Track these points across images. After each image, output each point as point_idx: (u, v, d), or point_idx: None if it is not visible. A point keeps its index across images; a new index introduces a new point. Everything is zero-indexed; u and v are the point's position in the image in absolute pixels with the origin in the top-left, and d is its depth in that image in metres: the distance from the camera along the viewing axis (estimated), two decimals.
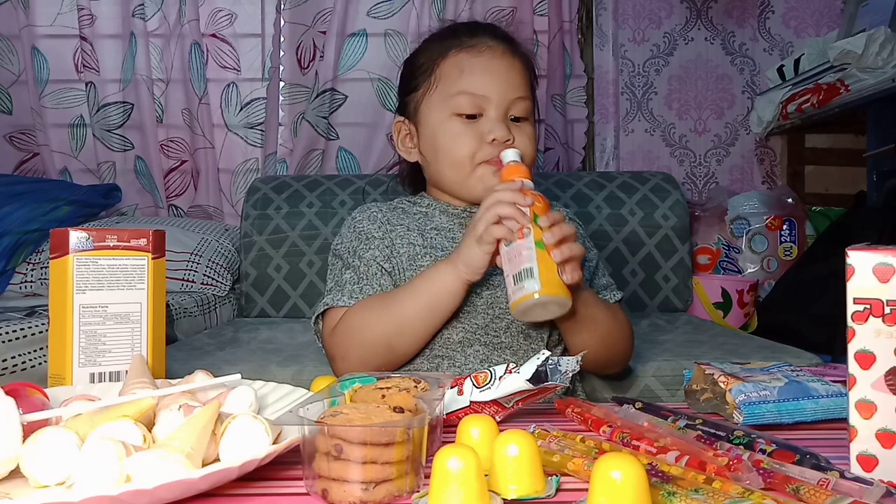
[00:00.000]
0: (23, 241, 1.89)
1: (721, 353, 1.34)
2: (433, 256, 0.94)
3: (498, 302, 0.91)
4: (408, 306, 0.85)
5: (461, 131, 0.91)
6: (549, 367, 0.57)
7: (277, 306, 1.93)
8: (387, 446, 0.43)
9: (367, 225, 0.97)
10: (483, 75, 0.92)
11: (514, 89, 0.93)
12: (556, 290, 0.73)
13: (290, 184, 2.01)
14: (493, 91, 0.91)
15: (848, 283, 0.46)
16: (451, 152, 0.93)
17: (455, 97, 0.92)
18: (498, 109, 0.91)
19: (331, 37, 2.21)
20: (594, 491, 0.38)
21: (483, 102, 0.91)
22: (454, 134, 0.92)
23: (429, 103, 0.96)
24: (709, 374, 0.65)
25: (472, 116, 0.91)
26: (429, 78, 0.96)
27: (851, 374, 0.46)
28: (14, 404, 0.46)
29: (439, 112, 0.94)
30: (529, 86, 0.96)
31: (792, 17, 2.34)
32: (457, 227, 0.97)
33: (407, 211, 1.00)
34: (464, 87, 0.92)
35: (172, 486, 0.40)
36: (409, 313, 0.85)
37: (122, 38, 2.23)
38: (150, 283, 0.71)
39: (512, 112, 0.92)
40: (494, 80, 0.92)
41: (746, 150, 2.35)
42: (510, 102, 0.92)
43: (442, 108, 0.93)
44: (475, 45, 0.95)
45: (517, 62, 0.96)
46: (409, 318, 0.85)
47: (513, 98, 0.92)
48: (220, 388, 0.58)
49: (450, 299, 0.85)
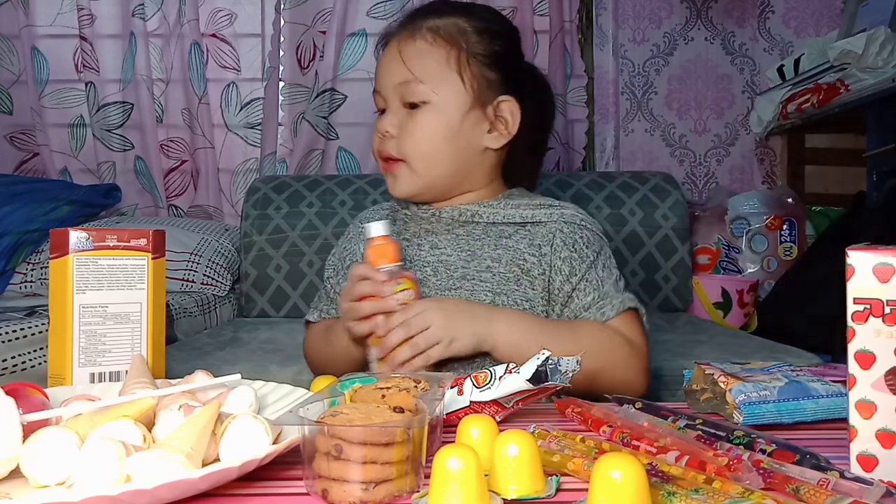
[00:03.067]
0: (23, 241, 1.89)
1: (721, 353, 1.34)
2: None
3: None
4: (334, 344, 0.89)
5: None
6: (549, 367, 0.57)
7: (277, 306, 1.93)
8: (387, 446, 0.43)
9: (354, 242, 1.00)
10: (379, 67, 0.93)
11: (395, 75, 0.89)
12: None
13: (290, 184, 2.01)
14: (379, 81, 0.91)
15: (848, 283, 0.46)
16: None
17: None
18: (387, 101, 0.90)
19: (331, 37, 2.20)
20: (594, 491, 0.38)
21: (380, 96, 0.91)
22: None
23: None
24: (709, 374, 0.65)
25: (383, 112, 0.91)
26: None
27: (851, 374, 0.46)
28: (14, 404, 0.46)
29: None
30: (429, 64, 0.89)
31: (792, 17, 2.34)
32: (422, 233, 0.94)
33: (403, 211, 0.98)
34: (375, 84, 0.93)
35: (172, 486, 0.40)
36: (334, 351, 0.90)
37: (122, 38, 2.23)
38: (150, 283, 0.71)
39: (404, 97, 0.89)
40: (380, 70, 0.92)
41: (746, 150, 2.35)
42: (393, 88, 0.89)
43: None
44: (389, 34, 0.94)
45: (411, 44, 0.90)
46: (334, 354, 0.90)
47: (394, 84, 0.89)
48: (220, 388, 0.58)
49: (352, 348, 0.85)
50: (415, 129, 0.88)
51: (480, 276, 0.89)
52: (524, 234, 0.91)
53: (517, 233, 0.91)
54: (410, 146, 0.89)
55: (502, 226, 0.92)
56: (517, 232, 0.91)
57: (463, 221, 0.93)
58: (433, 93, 0.88)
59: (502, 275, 0.89)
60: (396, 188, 0.92)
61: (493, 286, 0.88)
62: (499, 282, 0.88)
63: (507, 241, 0.91)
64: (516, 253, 0.89)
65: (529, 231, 0.91)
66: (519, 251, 0.89)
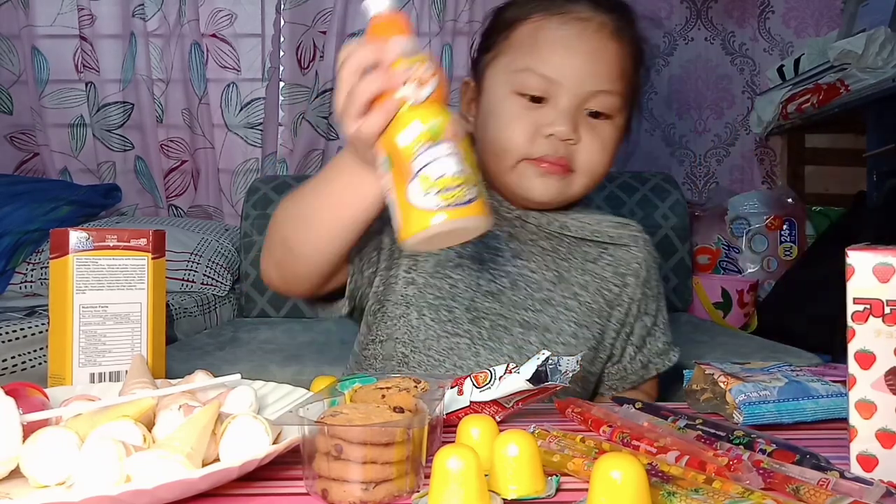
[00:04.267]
0: (23, 241, 1.89)
1: (721, 353, 1.35)
2: (466, 269, 0.78)
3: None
4: (307, 194, 0.67)
5: (517, 115, 0.74)
6: (549, 367, 0.57)
7: (277, 306, 1.93)
8: (387, 446, 0.43)
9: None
10: (560, 54, 0.73)
11: (598, 79, 0.74)
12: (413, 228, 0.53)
13: (290, 184, 2.01)
14: (567, 75, 0.73)
15: (848, 283, 0.46)
16: (497, 137, 0.75)
17: (521, 73, 0.74)
18: (569, 99, 0.73)
19: (331, 37, 2.21)
20: (594, 491, 0.38)
21: (553, 87, 0.73)
22: (509, 116, 0.75)
23: (494, 71, 0.78)
24: (709, 374, 0.65)
25: (537, 100, 0.74)
26: (504, 40, 0.78)
27: (851, 374, 0.46)
28: (14, 404, 0.46)
29: (501, 85, 0.76)
30: (625, 78, 0.76)
31: (792, 17, 2.34)
32: (505, 237, 0.81)
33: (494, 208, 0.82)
34: (532, 64, 0.73)
35: (172, 486, 0.40)
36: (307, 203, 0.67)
37: (122, 38, 2.23)
38: (150, 283, 0.71)
39: (589, 105, 0.74)
40: (574, 61, 0.73)
41: (746, 150, 2.35)
42: (588, 94, 0.74)
43: (505, 80, 0.76)
44: (566, 12, 0.75)
45: (614, 44, 0.75)
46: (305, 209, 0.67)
47: (593, 90, 0.74)
48: (220, 388, 0.58)
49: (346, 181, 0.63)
50: (601, 146, 0.76)
51: (566, 304, 0.80)
52: (609, 260, 0.83)
53: (601, 257, 0.83)
54: (588, 162, 0.76)
55: (588, 246, 0.83)
56: (601, 256, 0.83)
57: (549, 232, 0.82)
58: (620, 108, 0.77)
59: (588, 305, 0.81)
60: (545, 194, 0.77)
61: (578, 317, 0.80)
62: (585, 312, 0.80)
63: (594, 267, 0.82)
64: (602, 281, 0.82)
65: (613, 255, 0.83)
66: (605, 279, 0.82)
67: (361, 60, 0.55)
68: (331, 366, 1.35)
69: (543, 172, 0.75)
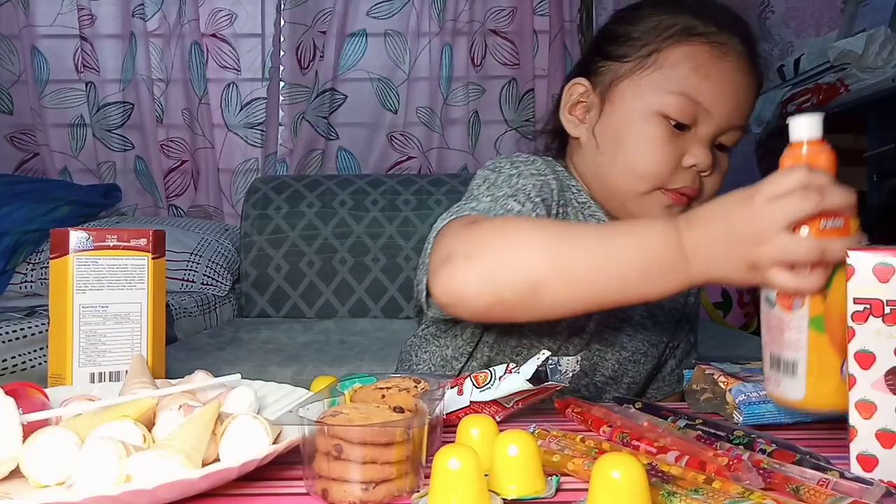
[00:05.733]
0: (23, 241, 1.89)
1: (721, 353, 1.34)
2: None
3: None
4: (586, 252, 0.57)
5: (661, 139, 0.72)
6: (549, 367, 0.57)
7: (277, 306, 1.93)
8: (387, 446, 0.43)
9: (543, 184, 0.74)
10: (719, 85, 0.72)
11: (741, 115, 0.74)
12: (827, 400, 0.49)
13: (290, 184, 2.01)
14: (720, 107, 0.72)
15: (848, 283, 0.46)
16: (636, 159, 0.73)
17: (675, 96, 0.71)
18: (712, 131, 0.73)
19: (331, 37, 2.21)
20: (594, 491, 0.38)
21: (701, 115, 0.72)
22: (651, 138, 0.72)
23: (635, 85, 0.74)
24: (708, 374, 0.65)
25: (682, 127, 0.72)
26: (647, 56, 0.74)
27: (851, 374, 0.46)
28: (14, 404, 0.46)
29: (644, 103, 0.73)
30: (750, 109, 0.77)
31: (792, 17, 2.34)
32: None
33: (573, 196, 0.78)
34: (690, 90, 0.71)
35: (172, 486, 0.40)
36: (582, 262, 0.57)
37: (122, 38, 2.23)
38: (150, 283, 0.71)
39: (722, 138, 0.74)
40: (727, 96, 0.72)
41: (746, 150, 2.35)
42: (727, 127, 0.73)
43: (650, 99, 0.73)
44: (722, 42, 0.73)
45: (754, 81, 0.75)
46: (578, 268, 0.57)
47: (734, 124, 0.74)
48: (220, 388, 0.58)
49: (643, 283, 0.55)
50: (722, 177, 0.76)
51: (643, 324, 0.79)
52: None
53: None
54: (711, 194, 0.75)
55: None
56: None
57: None
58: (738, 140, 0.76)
59: (662, 325, 0.80)
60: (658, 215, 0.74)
61: (651, 336, 0.81)
62: (658, 332, 0.80)
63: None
64: (674, 301, 0.81)
65: None
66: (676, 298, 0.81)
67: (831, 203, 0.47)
68: (331, 366, 1.35)
69: (672, 202, 0.73)
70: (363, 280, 1.93)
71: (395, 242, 1.93)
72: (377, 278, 1.93)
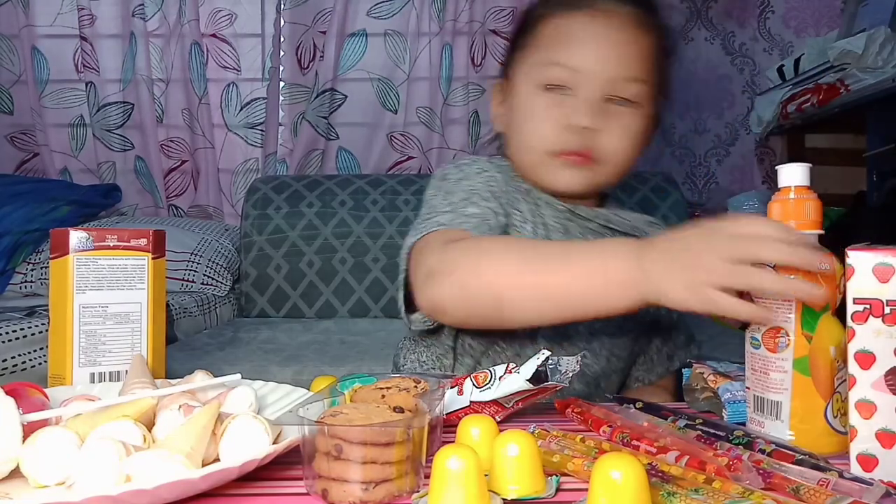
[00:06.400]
0: (23, 241, 1.89)
1: (721, 353, 1.34)
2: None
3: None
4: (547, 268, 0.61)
5: (541, 108, 0.76)
6: (549, 367, 0.56)
7: (277, 306, 1.93)
8: (387, 446, 0.43)
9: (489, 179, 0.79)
10: (585, 45, 0.75)
11: (623, 66, 0.75)
12: (814, 444, 0.49)
13: (290, 184, 2.01)
14: (590, 64, 0.74)
15: (848, 283, 0.46)
16: (525, 133, 0.78)
17: (547, 66, 0.76)
18: (593, 88, 0.74)
19: (331, 37, 2.21)
20: (594, 491, 0.38)
21: (578, 77, 0.74)
22: (533, 110, 0.77)
23: (521, 68, 0.80)
24: (699, 372, 0.66)
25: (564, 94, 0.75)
26: (530, 38, 0.80)
27: (851, 374, 0.46)
28: (14, 404, 0.46)
29: (528, 81, 0.78)
30: (651, 66, 0.77)
31: (792, 17, 2.34)
32: (561, 230, 0.81)
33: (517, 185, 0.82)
34: (558, 57, 0.75)
35: (172, 486, 0.40)
36: (545, 279, 0.61)
37: (122, 38, 2.23)
38: (150, 283, 0.71)
39: (616, 92, 0.75)
40: (599, 51, 0.74)
41: (746, 150, 2.35)
42: (612, 81, 0.74)
43: (531, 76, 0.77)
44: (591, 6, 0.76)
45: (640, 35, 0.77)
46: (544, 285, 0.61)
47: (616, 76, 0.74)
48: (220, 388, 0.58)
49: (603, 296, 0.58)
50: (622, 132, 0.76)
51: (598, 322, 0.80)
52: None
53: None
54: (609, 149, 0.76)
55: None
56: None
57: (597, 226, 0.83)
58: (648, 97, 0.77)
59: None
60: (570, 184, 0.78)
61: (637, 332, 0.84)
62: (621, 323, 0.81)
63: None
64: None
65: None
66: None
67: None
68: (331, 366, 1.35)
69: (567, 164, 0.76)
70: (363, 280, 1.93)
71: (395, 242, 1.93)
72: (377, 278, 1.93)
